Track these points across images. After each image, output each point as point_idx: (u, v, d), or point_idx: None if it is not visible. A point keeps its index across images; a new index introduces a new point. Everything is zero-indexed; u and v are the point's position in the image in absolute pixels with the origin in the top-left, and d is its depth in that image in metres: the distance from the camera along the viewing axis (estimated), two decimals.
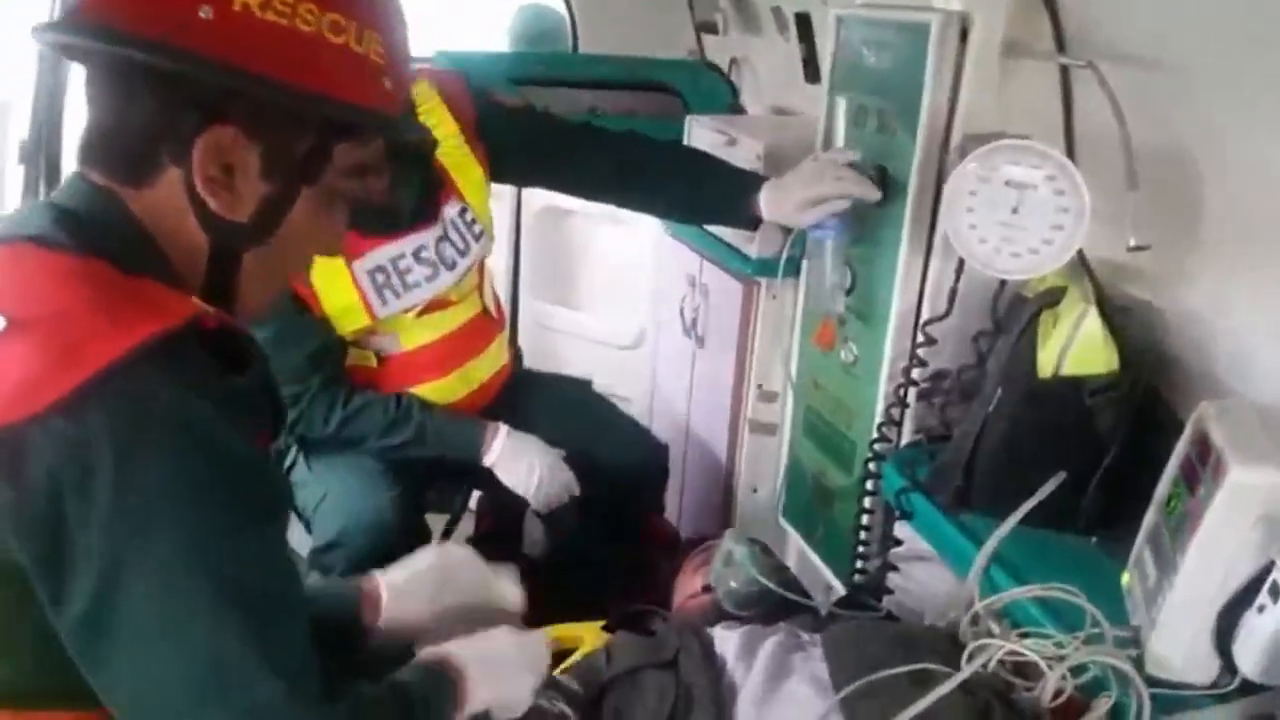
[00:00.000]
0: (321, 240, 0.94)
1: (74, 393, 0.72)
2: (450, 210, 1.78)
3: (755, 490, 2.12)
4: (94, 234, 0.82)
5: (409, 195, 1.73)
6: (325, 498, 1.72)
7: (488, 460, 1.76)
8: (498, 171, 1.84)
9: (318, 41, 0.81)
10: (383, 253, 1.70)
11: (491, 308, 1.95)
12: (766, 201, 1.64)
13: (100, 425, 0.72)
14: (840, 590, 1.66)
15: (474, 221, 1.81)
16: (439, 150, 1.74)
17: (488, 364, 1.91)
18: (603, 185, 1.87)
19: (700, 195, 1.76)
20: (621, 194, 1.90)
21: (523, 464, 1.76)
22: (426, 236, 1.74)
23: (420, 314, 1.76)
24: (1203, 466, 1.03)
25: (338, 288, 1.67)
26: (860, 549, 1.60)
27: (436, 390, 1.81)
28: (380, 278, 1.70)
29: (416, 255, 1.74)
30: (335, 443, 1.74)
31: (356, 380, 1.76)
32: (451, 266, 1.77)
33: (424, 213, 1.75)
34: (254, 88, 0.80)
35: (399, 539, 1.66)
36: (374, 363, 1.77)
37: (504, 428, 1.78)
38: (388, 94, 0.87)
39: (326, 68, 0.82)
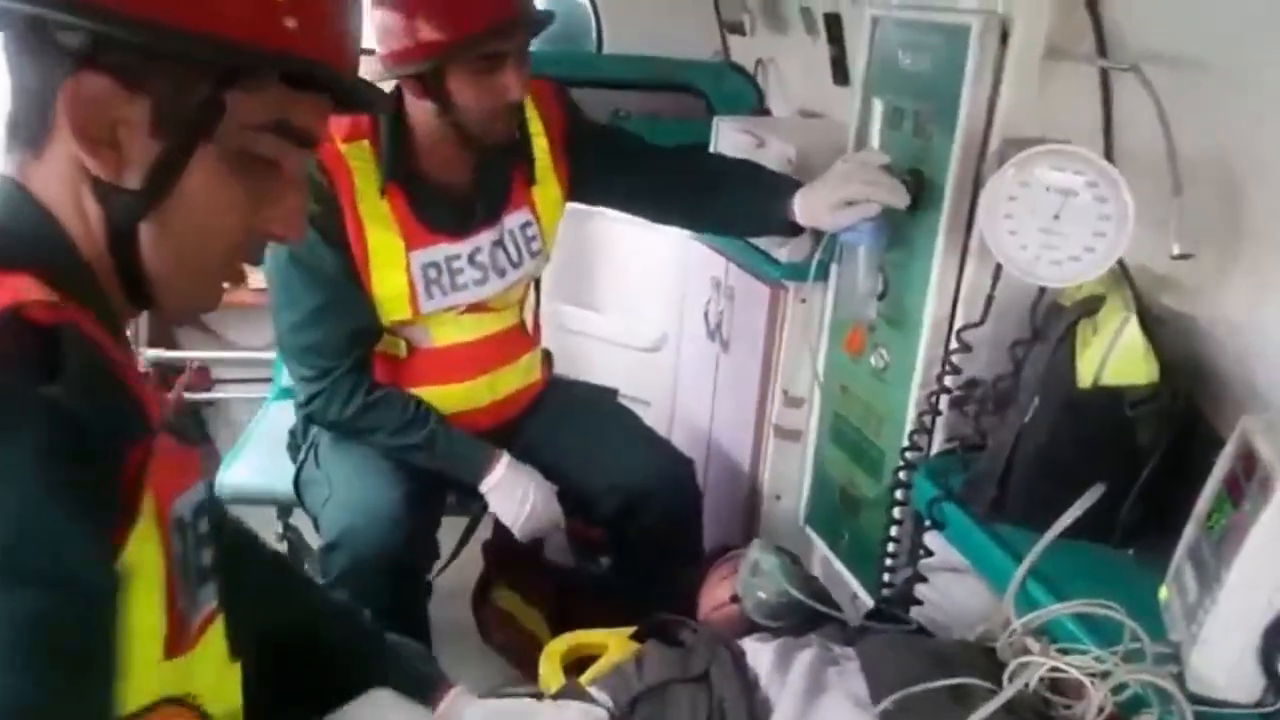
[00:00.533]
0: (237, 208, 0.80)
1: None
2: (513, 219, 1.79)
3: (779, 498, 2.10)
4: (7, 236, 0.75)
5: (488, 195, 1.74)
6: (331, 496, 1.71)
7: (484, 486, 1.76)
8: (575, 190, 1.86)
9: None
10: (441, 250, 1.71)
11: (528, 324, 1.95)
12: (800, 206, 1.63)
13: None
14: (867, 600, 1.64)
15: (534, 237, 1.82)
16: (536, 155, 1.77)
17: (517, 376, 1.90)
18: (672, 210, 1.90)
19: (749, 209, 1.77)
20: (686, 217, 1.94)
21: (515, 496, 1.76)
22: (484, 239, 1.75)
23: (459, 313, 1.76)
24: (1248, 481, 1.01)
25: (391, 274, 1.67)
26: (888, 559, 1.58)
27: (461, 393, 1.80)
28: (432, 273, 1.70)
29: (471, 257, 1.74)
30: (346, 430, 1.74)
31: (380, 369, 1.76)
32: (502, 274, 1.78)
33: (489, 215, 1.76)
34: (114, 28, 0.71)
35: (403, 540, 1.65)
36: (402, 353, 1.77)
37: (505, 457, 1.77)
38: (289, 34, 0.76)
39: (199, 2, 0.73)
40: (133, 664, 0.70)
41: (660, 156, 1.86)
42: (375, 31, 1.57)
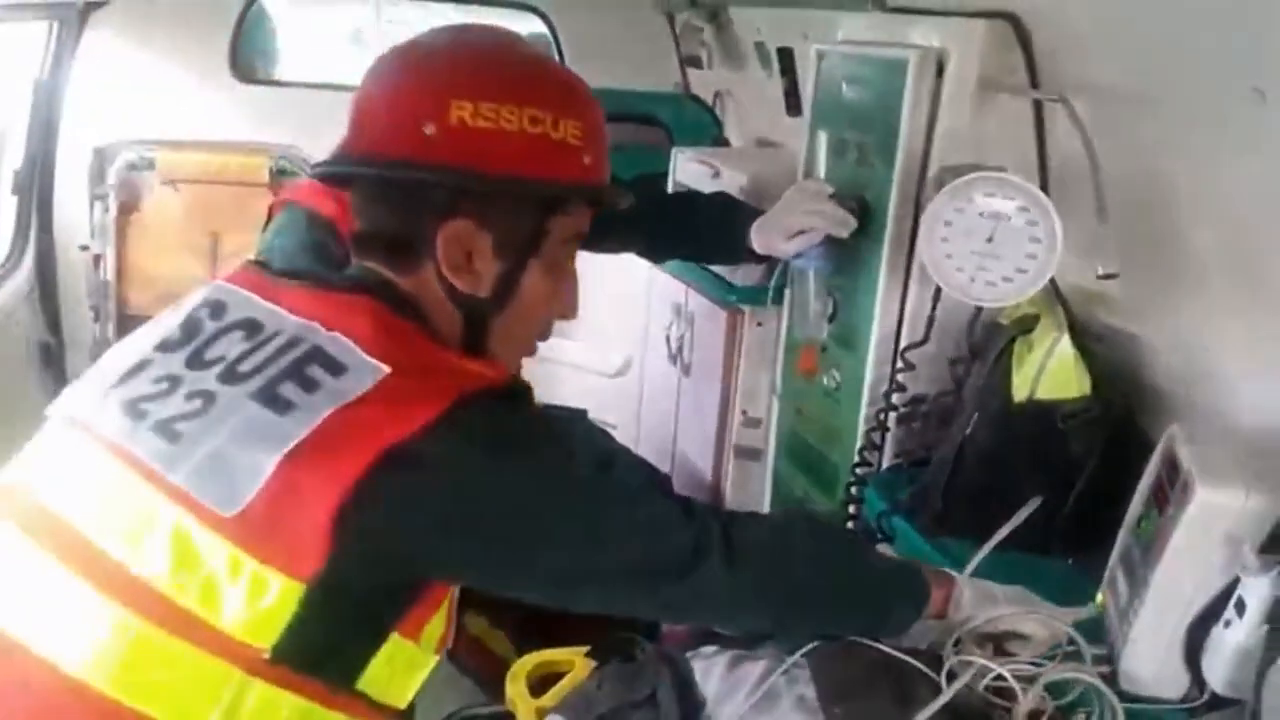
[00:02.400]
0: (555, 299, 1.06)
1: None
2: None
3: None
4: (395, 304, 0.96)
5: None
6: None
7: None
8: None
9: (520, 136, 0.94)
10: None
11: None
12: (756, 235, 1.67)
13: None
14: None
15: None
16: None
17: None
18: (651, 247, 1.93)
19: (716, 240, 1.78)
20: (660, 252, 1.97)
21: None
22: None
23: None
24: (1171, 488, 1.06)
25: None
26: None
27: None
28: None
29: None
30: None
31: None
32: None
33: None
34: (474, 184, 0.94)
35: None
36: None
37: None
38: (588, 168, 0.99)
39: (530, 156, 0.95)
40: (422, 652, 0.99)
41: (644, 200, 1.86)
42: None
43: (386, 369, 0.87)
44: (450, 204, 0.95)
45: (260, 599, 0.82)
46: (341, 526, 0.81)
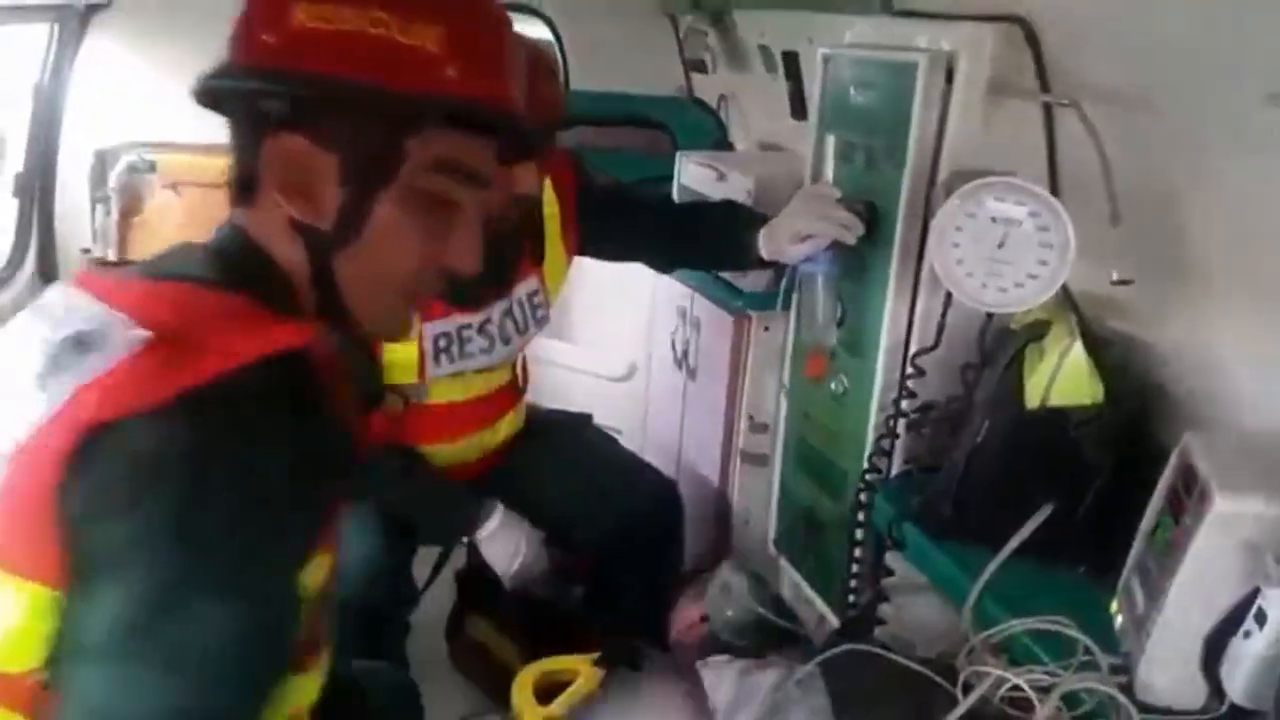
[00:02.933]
0: (418, 243, 0.90)
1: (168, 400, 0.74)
2: (523, 288, 1.81)
3: (748, 522, 2.13)
4: (231, 268, 0.87)
5: (501, 266, 1.76)
6: None
7: (479, 536, 1.76)
8: (581, 250, 1.89)
9: (360, 38, 0.83)
10: (455, 320, 1.73)
11: (520, 376, 1.98)
12: (764, 240, 1.67)
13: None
14: (834, 621, 1.67)
15: (540, 305, 1.84)
16: (546, 225, 1.79)
17: (506, 426, 1.93)
18: (661, 256, 1.94)
19: (726, 249, 1.79)
20: (672, 262, 1.98)
21: (509, 548, 1.76)
22: (495, 309, 1.77)
23: (456, 374, 1.78)
24: (1188, 496, 1.05)
25: (403, 342, 1.67)
26: (852, 580, 1.62)
27: (455, 451, 1.82)
28: (443, 342, 1.72)
29: (481, 327, 1.76)
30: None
31: (377, 425, 1.75)
32: (507, 342, 1.80)
33: (501, 285, 1.78)
34: (302, 90, 0.84)
35: (385, 587, 1.67)
36: (401, 408, 1.77)
37: (499, 509, 1.77)
38: (452, 82, 0.86)
39: (371, 62, 0.83)
40: None
41: (652, 209, 1.91)
42: None
43: (140, 341, 0.76)
44: (282, 117, 0.85)
45: (6, 616, 0.74)
46: (60, 514, 0.73)
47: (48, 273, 2.85)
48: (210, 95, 0.90)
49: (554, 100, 1.63)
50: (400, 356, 1.68)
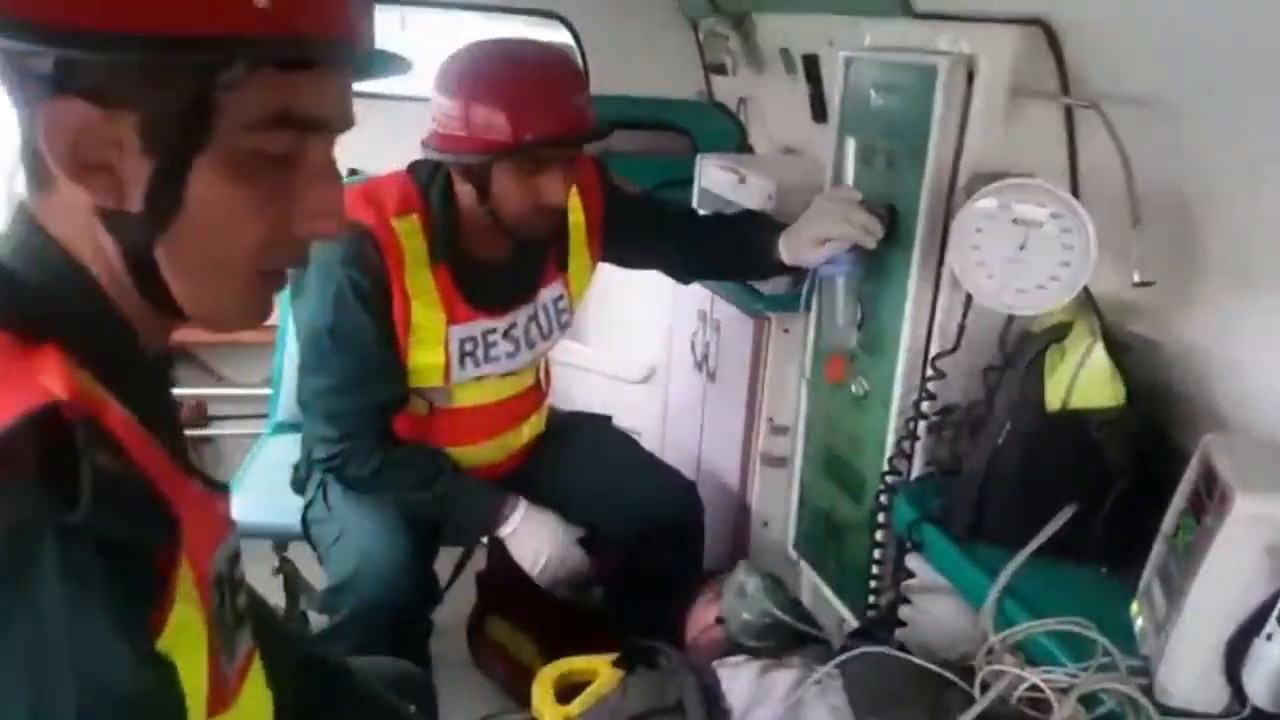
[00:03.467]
0: (254, 214, 0.73)
1: None
2: (549, 293, 1.82)
3: (766, 524, 2.14)
4: (8, 283, 0.71)
5: (526, 272, 1.77)
6: (340, 537, 1.72)
7: (502, 532, 1.75)
8: (604, 257, 1.90)
9: None
10: (480, 325, 1.73)
11: (543, 379, 1.99)
12: (785, 245, 1.68)
13: None
14: (854, 624, 1.67)
15: (565, 310, 1.86)
16: (571, 233, 1.79)
17: (530, 429, 1.94)
18: (683, 267, 1.94)
19: (748, 258, 1.80)
20: (691, 271, 1.98)
21: (533, 544, 1.75)
22: (520, 314, 1.78)
23: (481, 378, 1.79)
24: (1209, 498, 1.05)
25: (429, 348, 1.69)
26: (872, 582, 1.62)
27: (479, 452, 1.84)
28: (469, 346, 1.73)
29: (506, 332, 1.77)
30: (364, 488, 1.74)
31: (402, 426, 1.77)
32: (532, 346, 1.82)
33: (527, 290, 1.79)
34: (73, 43, 0.65)
35: (409, 587, 1.68)
36: (424, 412, 1.78)
37: (523, 504, 1.76)
38: (260, 14, 0.67)
39: (157, 2, 0.65)
40: None
41: (678, 220, 1.92)
42: (432, 108, 1.58)
43: None
44: (57, 79, 0.66)
45: None
46: None
47: None
48: None
49: (587, 113, 1.63)
50: (425, 361, 1.69)
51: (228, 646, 0.76)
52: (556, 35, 3.06)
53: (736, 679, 1.23)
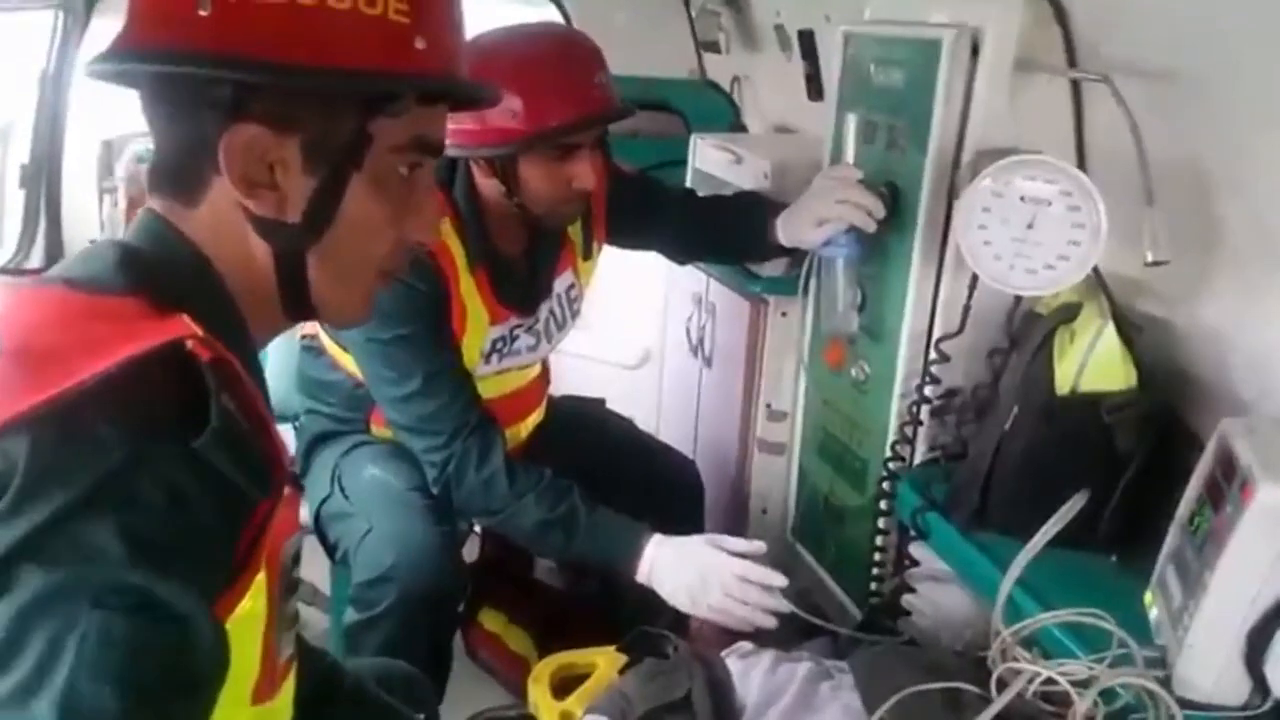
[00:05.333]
0: (388, 225, 0.85)
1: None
2: (561, 283, 1.80)
3: (765, 511, 2.10)
4: (142, 269, 0.77)
5: (545, 266, 1.75)
6: (370, 531, 1.65)
7: (640, 574, 1.55)
8: (607, 240, 1.88)
9: (318, 12, 0.74)
10: (511, 323, 1.72)
11: (548, 368, 1.98)
12: (782, 226, 1.64)
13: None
14: (854, 612, 1.64)
15: (576, 297, 1.83)
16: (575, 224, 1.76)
17: (535, 418, 1.92)
18: (680, 248, 1.92)
19: (745, 240, 1.77)
20: (688, 253, 1.96)
21: (685, 577, 1.51)
22: (544, 309, 1.77)
23: (501, 371, 1.76)
24: (1228, 485, 1.02)
25: (472, 345, 1.66)
26: (875, 570, 1.59)
27: None
28: (500, 344, 1.71)
29: (530, 327, 1.75)
30: (495, 522, 1.64)
31: None
32: (550, 339, 1.80)
33: (548, 284, 1.77)
34: (260, 75, 0.74)
35: (451, 572, 1.63)
36: None
37: (655, 539, 1.56)
38: (421, 55, 0.79)
39: (334, 38, 0.75)
40: (223, 709, 0.69)
41: (676, 201, 1.89)
42: None
43: None
44: (235, 104, 0.75)
45: None
46: None
47: (55, 263, 2.84)
48: (129, 76, 0.80)
49: (610, 91, 1.59)
50: (467, 356, 1.67)
51: (282, 639, 0.81)
52: (547, 15, 3.01)
53: (749, 674, 1.20)
